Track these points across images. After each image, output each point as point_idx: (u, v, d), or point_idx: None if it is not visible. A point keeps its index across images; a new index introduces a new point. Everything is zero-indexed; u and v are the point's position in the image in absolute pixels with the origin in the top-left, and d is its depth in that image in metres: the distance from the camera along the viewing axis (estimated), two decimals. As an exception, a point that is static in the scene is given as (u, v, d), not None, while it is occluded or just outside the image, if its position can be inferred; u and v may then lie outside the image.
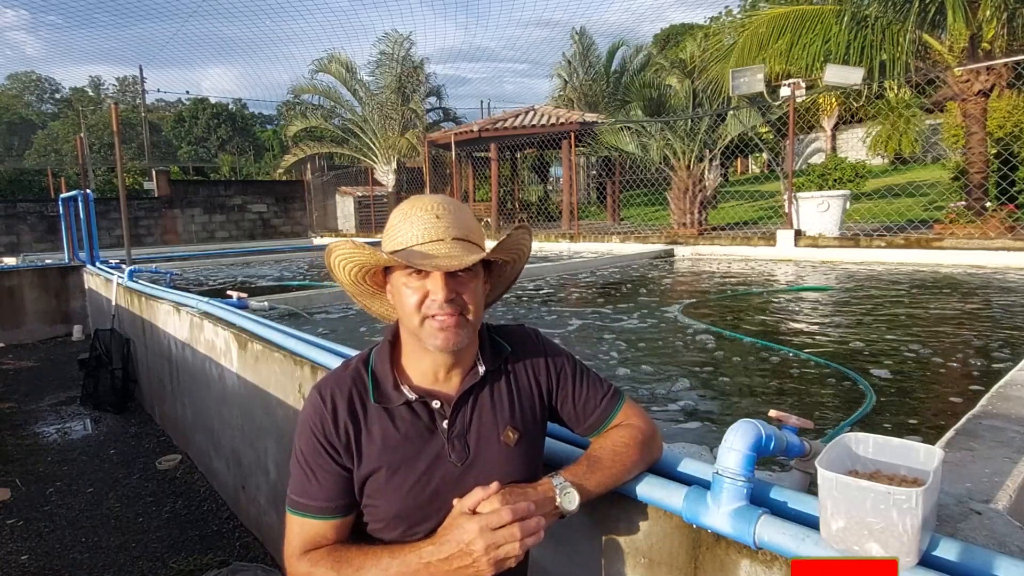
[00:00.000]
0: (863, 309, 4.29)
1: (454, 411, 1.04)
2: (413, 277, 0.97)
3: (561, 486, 0.97)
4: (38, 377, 6.58)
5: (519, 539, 0.86)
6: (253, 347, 2.73)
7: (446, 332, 0.96)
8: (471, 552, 0.86)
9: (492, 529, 0.86)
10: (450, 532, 0.89)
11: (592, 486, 1.01)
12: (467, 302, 0.98)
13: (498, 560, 0.86)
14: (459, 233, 0.97)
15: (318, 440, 0.99)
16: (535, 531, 0.89)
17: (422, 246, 0.95)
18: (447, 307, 0.95)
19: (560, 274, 6.97)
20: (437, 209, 0.98)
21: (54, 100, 53.47)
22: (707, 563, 1.03)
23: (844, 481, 0.81)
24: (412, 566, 0.90)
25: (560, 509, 0.96)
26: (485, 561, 0.85)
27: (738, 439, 0.99)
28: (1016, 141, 8.62)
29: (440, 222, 0.97)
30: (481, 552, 0.85)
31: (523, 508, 0.89)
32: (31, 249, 14.30)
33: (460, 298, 0.97)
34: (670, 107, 10.68)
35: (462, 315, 0.97)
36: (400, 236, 0.98)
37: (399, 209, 1.02)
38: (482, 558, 0.85)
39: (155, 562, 2.91)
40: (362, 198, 18.61)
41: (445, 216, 0.97)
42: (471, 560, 0.86)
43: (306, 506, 0.99)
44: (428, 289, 0.96)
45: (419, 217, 0.97)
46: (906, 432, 2.07)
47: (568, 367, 1.14)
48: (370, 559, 0.93)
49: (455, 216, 0.99)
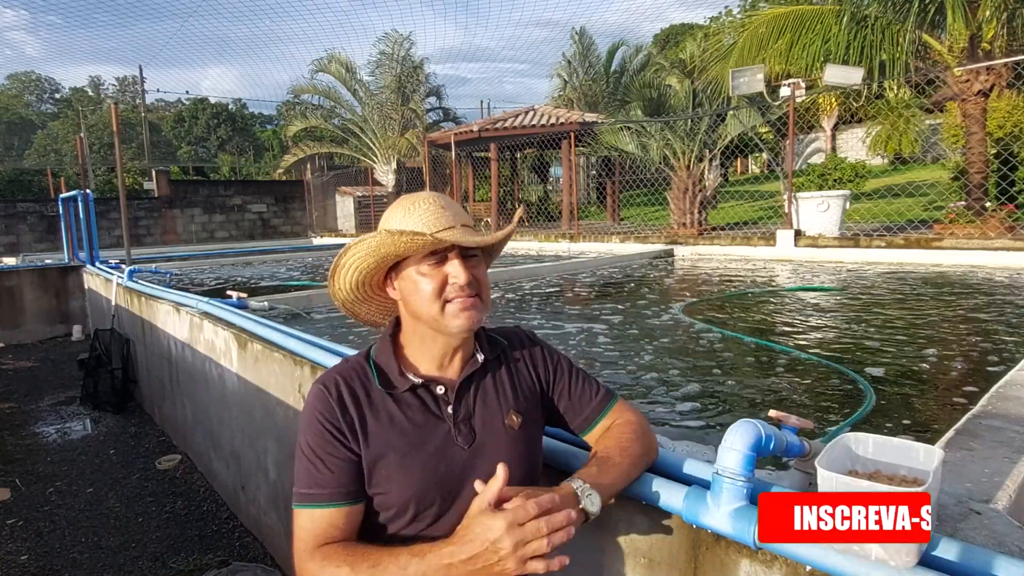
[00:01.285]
0: (863, 309, 4.30)
1: (457, 396, 1.06)
2: (432, 266, 1.01)
3: (581, 488, 0.95)
4: (38, 377, 6.58)
5: (546, 534, 0.83)
6: (253, 347, 2.73)
7: (468, 312, 1.01)
8: (498, 550, 0.82)
9: (520, 525, 0.83)
10: (473, 530, 0.85)
11: (608, 483, 1.01)
12: (482, 285, 1.04)
13: (525, 558, 0.83)
14: (465, 220, 1.05)
15: (325, 428, 0.99)
16: (563, 525, 0.85)
17: (440, 233, 1.00)
18: (467, 289, 1.00)
19: (560, 274, 6.97)
20: (440, 201, 1.05)
21: (54, 100, 53.47)
22: (707, 563, 1.03)
23: (844, 481, 0.81)
24: (432, 566, 0.86)
25: (584, 512, 0.94)
26: (513, 560, 0.82)
27: (738, 439, 0.99)
28: (1016, 141, 8.63)
29: (447, 212, 1.03)
30: (509, 550, 0.82)
31: (547, 500, 0.87)
32: (31, 249, 14.30)
33: (476, 281, 1.02)
34: (670, 107, 10.68)
35: (478, 296, 1.03)
36: (412, 227, 1.01)
37: (398, 206, 1.05)
38: (510, 557, 0.82)
39: (155, 562, 2.91)
40: (362, 198, 18.60)
41: (449, 207, 1.04)
42: (497, 559, 0.82)
43: (316, 496, 0.97)
44: (447, 273, 1.00)
45: (425, 208, 1.03)
46: (906, 432, 2.07)
47: (564, 362, 1.18)
48: (387, 556, 0.90)
49: (456, 208, 1.06)
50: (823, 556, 0.85)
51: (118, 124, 7.11)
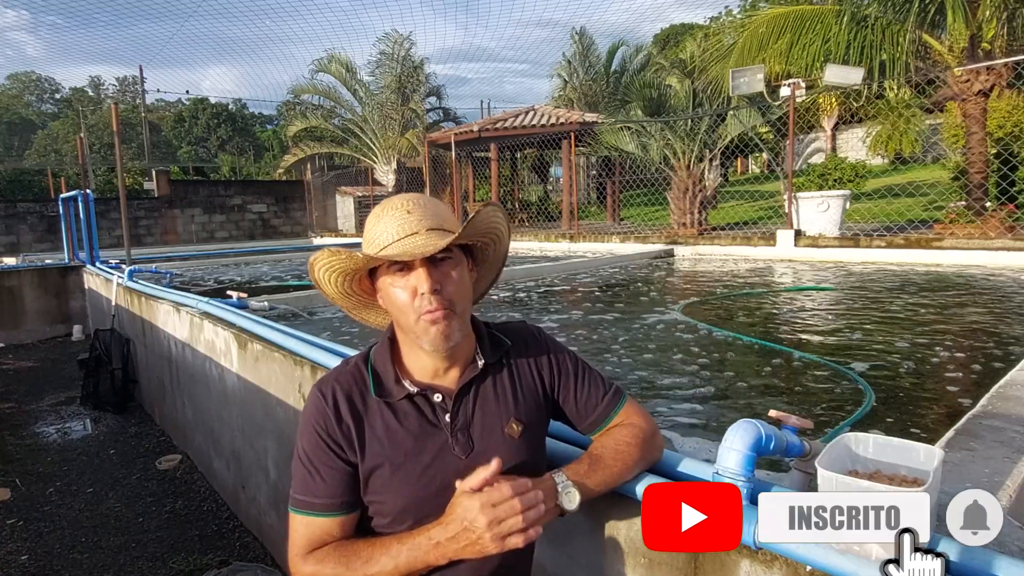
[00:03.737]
0: (863, 309, 4.30)
1: (455, 404, 1.04)
2: (398, 276, 0.98)
3: (563, 484, 0.97)
4: (38, 377, 6.58)
5: (520, 511, 0.87)
6: (253, 347, 2.73)
7: (438, 326, 0.96)
8: (474, 528, 0.87)
9: (493, 505, 0.87)
10: (454, 511, 0.90)
11: (593, 484, 1.01)
12: (452, 292, 0.98)
13: (502, 535, 0.87)
14: (432, 224, 0.98)
15: (321, 437, 1.00)
16: (534, 504, 0.89)
17: (398, 242, 0.97)
18: (435, 300, 0.96)
19: (560, 274, 6.97)
20: (408, 205, 0.99)
21: (54, 100, 53.49)
22: (707, 563, 1.03)
23: (844, 481, 0.81)
24: (422, 548, 0.90)
25: (560, 507, 0.96)
26: (489, 537, 0.86)
27: (738, 439, 0.99)
28: (1016, 141, 8.63)
29: (412, 216, 0.98)
30: (484, 528, 0.86)
31: (522, 483, 0.90)
32: (31, 249, 14.29)
33: (446, 289, 0.97)
34: (670, 107, 10.67)
35: (450, 308, 0.98)
36: (377, 238, 0.99)
37: (372, 213, 1.03)
38: (485, 534, 0.86)
39: (155, 562, 2.91)
40: (362, 198, 18.59)
41: (416, 210, 0.99)
42: (475, 536, 0.87)
43: (310, 504, 0.99)
44: (414, 284, 0.96)
45: (391, 216, 0.99)
46: (906, 432, 2.07)
47: (570, 363, 1.14)
48: (378, 548, 0.94)
49: (426, 209, 1.00)
50: (823, 556, 0.84)
51: (118, 124, 7.11)
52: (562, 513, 0.97)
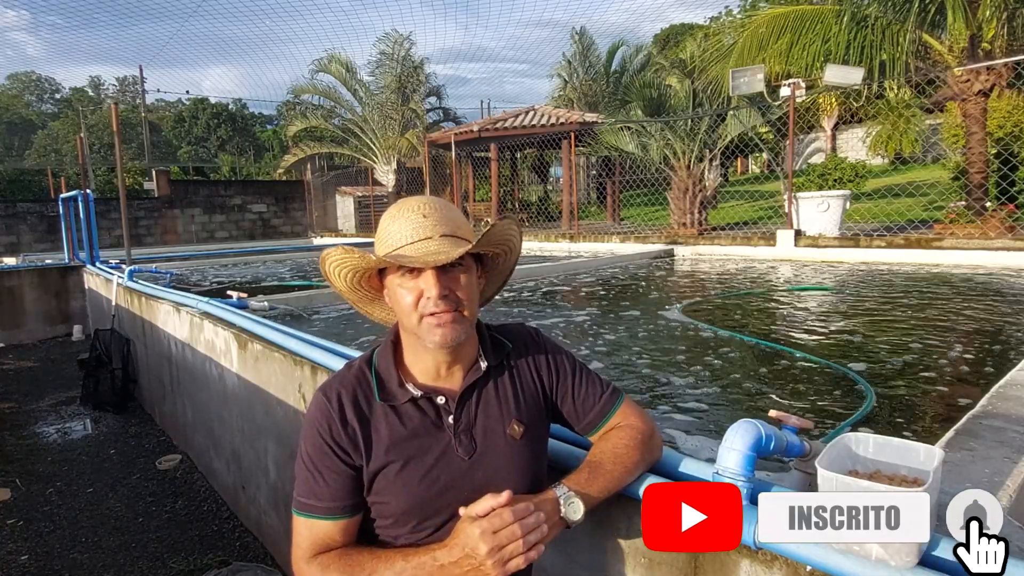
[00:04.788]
0: (863, 309, 4.29)
1: (459, 406, 1.05)
2: (407, 277, 0.98)
3: (565, 496, 0.97)
4: (38, 377, 6.58)
5: (520, 537, 0.87)
6: (253, 347, 2.73)
7: (443, 328, 0.97)
8: (476, 555, 0.87)
9: (494, 532, 0.87)
10: (457, 537, 0.91)
11: (596, 492, 1.01)
12: (461, 298, 0.99)
13: (503, 561, 0.87)
14: (447, 230, 0.99)
15: (325, 441, 1.00)
16: (535, 527, 0.89)
17: (411, 245, 0.97)
18: (442, 304, 0.97)
19: (560, 274, 6.97)
20: (424, 209, 1.00)
21: (54, 100, 53.49)
22: (707, 563, 1.03)
23: (844, 481, 0.81)
24: (426, 568, 0.91)
25: (565, 520, 0.96)
26: (491, 564, 0.87)
27: (738, 439, 0.99)
28: (1016, 141, 8.63)
29: (427, 221, 0.99)
30: (485, 555, 0.86)
31: (523, 508, 0.90)
32: (31, 249, 14.29)
33: (454, 294, 0.98)
34: (670, 107, 10.67)
35: (457, 311, 0.98)
36: (390, 238, 1.00)
37: (387, 212, 1.04)
38: (487, 561, 0.87)
39: (155, 562, 2.91)
40: (362, 198, 18.61)
41: (432, 215, 0.99)
42: (477, 563, 0.88)
43: (313, 507, 0.99)
44: (422, 288, 0.97)
45: (407, 218, 0.99)
46: (906, 432, 2.07)
47: (568, 364, 1.15)
48: (382, 563, 0.94)
49: (442, 214, 1.00)
50: (823, 556, 0.84)
51: (118, 124, 7.11)
52: (568, 526, 0.97)
